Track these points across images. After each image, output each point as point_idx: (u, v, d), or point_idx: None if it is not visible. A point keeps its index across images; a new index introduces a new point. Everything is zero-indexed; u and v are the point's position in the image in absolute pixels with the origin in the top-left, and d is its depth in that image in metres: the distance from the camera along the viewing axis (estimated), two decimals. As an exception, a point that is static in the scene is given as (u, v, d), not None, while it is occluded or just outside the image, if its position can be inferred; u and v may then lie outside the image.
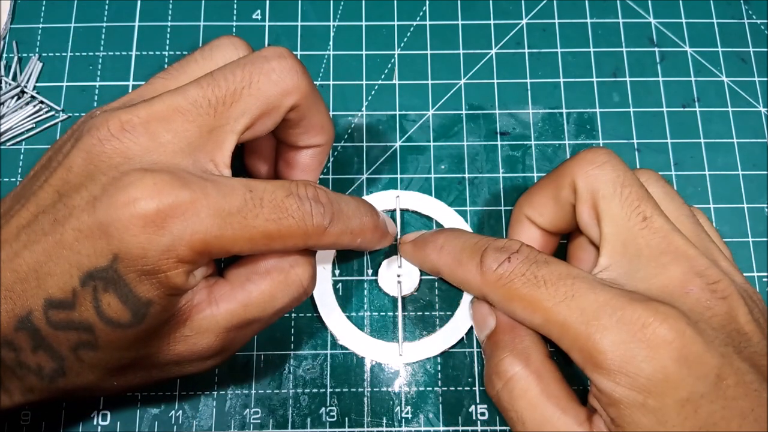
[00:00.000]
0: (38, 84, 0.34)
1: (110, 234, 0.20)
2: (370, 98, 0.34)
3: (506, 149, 0.33)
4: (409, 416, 0.29)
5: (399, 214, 0.32)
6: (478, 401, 0.29)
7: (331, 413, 0.29)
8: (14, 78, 0.34)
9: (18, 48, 0.35)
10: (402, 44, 0.35)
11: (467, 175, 0.33)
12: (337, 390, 0.29)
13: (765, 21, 0.36)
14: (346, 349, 0.30)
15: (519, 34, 0.35)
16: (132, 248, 0.20)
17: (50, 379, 0.22)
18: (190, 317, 0.23)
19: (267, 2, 0.36)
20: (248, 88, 0.23)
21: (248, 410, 0.29)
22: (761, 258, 0.31)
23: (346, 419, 0.29)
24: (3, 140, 0.33)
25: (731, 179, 0.33)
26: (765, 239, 0.32)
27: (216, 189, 0.21)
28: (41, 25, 0.35)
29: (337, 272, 0.31)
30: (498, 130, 0.34)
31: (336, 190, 0.32)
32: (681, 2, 0.36)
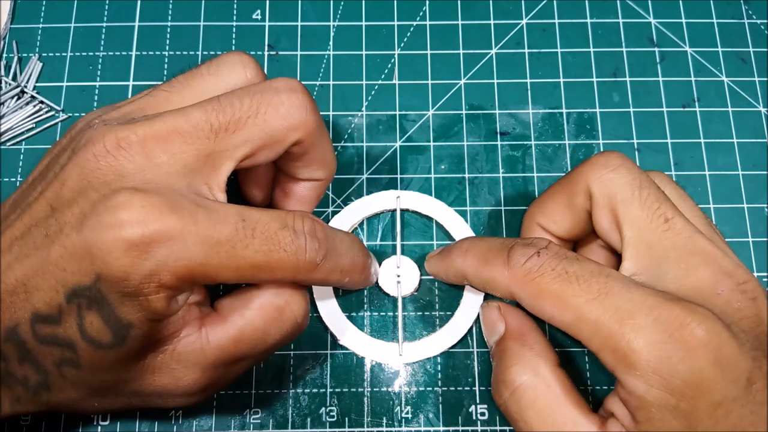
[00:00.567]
0: (38, 84, 0.34)
1: (94, 254, 0.20)
2: (370, 98, 0.34)
3: (506, 149, 0.33)
4: (409, 416, 0.29)
5: (399, 214, 0.32)
6: (478, 401, 0.29)
7: (331, 413, 0.29)
8: (14, 78, 0.34)
9: (18, 48, 0.35)
10: (402, 44, 0.35)
11: (467, 175, 0.33)
12: (337, 390, 0.29)
13: (765, 21, 0.36)
14: (346, 349, 0.30)
15: (519, 34, 0.35)
16: (114, 270, 0.20)
17: (35, 392, 0.22)
18: (177, 349, 0.22)
19: (267, 2, 0.36)
20: (254, 118, 0.22)
21: (248, 410, 0.29)
22: (761, 258, 0.31)
23: (346, 419, 0.29)
24: (3, 140, 0.33)
25: (731, 179, 0.33)
26: (765, 239, 0.32)
27: (207, 216, 0.21)
28: (41, 25, 0.35)
29: (337, 272, 0.31)
30: (498, 130, 0.34)
31: (336, 191, 0.32)
32: (681, 2, 0.36)
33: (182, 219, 0.20)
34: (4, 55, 0.35)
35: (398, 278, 0.30)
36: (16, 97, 0.34)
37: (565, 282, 0.22)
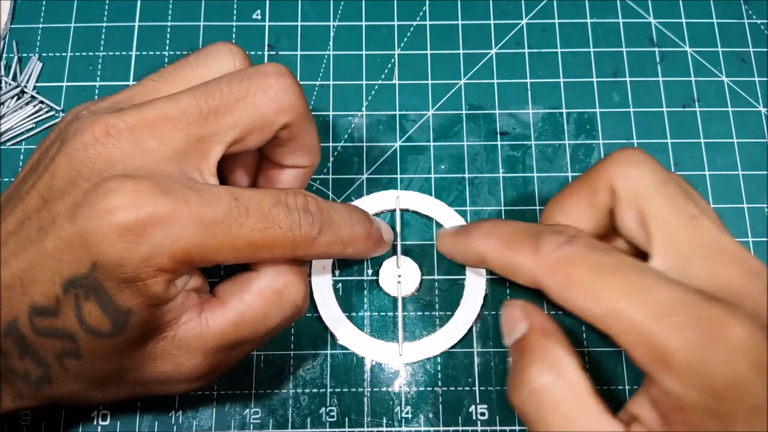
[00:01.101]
0: (38, 84, 0.34)
1: (89, 242, 0.20)
2: (370, 98, 0.34)
3: (506, 149, 0.33)
4: (409, 416, 0.29)
5: (399, 214, 0.32)
6: (478, 401, 0.29)
7: (331, 413, 0.29)
8: (14, 78, 0.34)
9: (18, 48, 0.35)
10: (402, 44, 0.35)
11: (467, 175, 0.33)
12: (337, 390, 0.29)
13: (765, 21, 0.36)
14: (346, 349, 0.30)
15: (519, 34, 0.35)
16: (110, 257, 0.20)
17: (37, 386, 0.22)
18: (177, 335, 0.22)
19: (267, 2, 0.36)
20: (243, 101, 0.22)
21: (248, 410, 0.29)
22: (761, 258, 0.31)
23: (346, 419, 0.29)
24: (3, 140, 0.33)
25: (731, 179, 0.33)
26: (765, 239, 0.32)
27: (199, 197, 0.21)
28: (41, 25, 0.35)
29: (337, 272, 0.31)
30: (498, 130, 0.34)
31: (336, 191, 0.32)
32: (681, 2, 0.36)
33: (175, 201, 0.20)
34: (4, 55, 0.35)
35: (398, 278, 0.30)
36: (16, 97, 0.34)
37: (600, 273, 0.21)
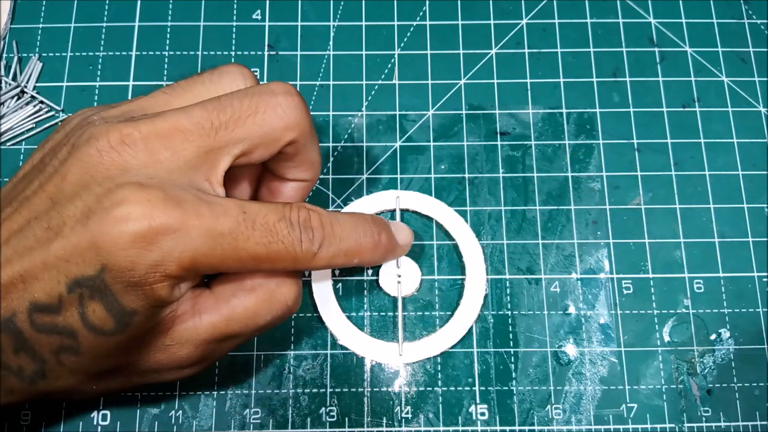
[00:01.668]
0: (38, 84, 0.34)
1: (100, 246, 0.20)
2: (370, 98, 0.34)
3: (506, 149, 0.33)
4: (409, 416, 0.29)
5: (399, 215, 0.32)
6: (478, 401, 0.29)
7: (331, 413, 0.29)
8: (14, 78, 0.34)
9: (18, 48, 0.35)
10: (402, 44, 0.35)
11: (467, 175, 0.33)
12: (337, 390, 0.29)
13: (765, 21, 0.36)
14: (346, 349, 0.30)
15: (519, 34, 0.35)
16: (120, 261, 0.20)
17: (30, 381, 0.22)
18: (173, 327, 0.23)
19: (267, 2, 0.36)
20: (253, 117, 0.23)
21: (248, 410, 0.29)
22: (761, 258, 0.31)
23: (346, 419, 0.29)
24: (3, 140, 0.33)
25: (731, 179, 0.33)
26: (765, 239, 0.32)
27: (209, 209, 0.21)
28: (41, 25, 0.35)
29: (337, 272, 0.31)
30: (498, 130, 0.34)
31: (336, 191, 0.32)
32: (681, 2, 0.36)
33: (186, 212, 0.21)
34: (4, 55, 0.35)
35: (398, 278, 0.30)
36: (16, 97, 0.34)
37: None
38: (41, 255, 0.21)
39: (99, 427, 0.29)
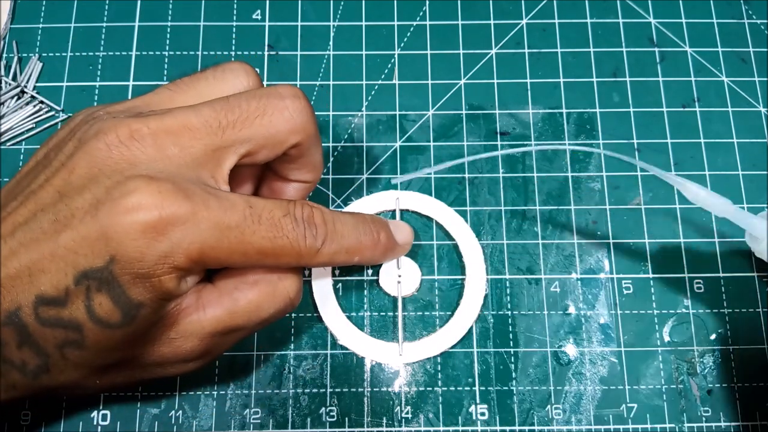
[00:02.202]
0: (38, 84, 0.34)
1: (109, 237, 0.20)
2: (370, 98, 0.34)
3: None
4: (409, 416, 0.29)
5: (399, 215, 0.32)
6: (478, 401, 0.29)
7: (331, 413, 0.29)
8: (14, 78, 0.34)
9: (18, 48, 0.35)
10: (402, 44, 0.35)
11: (467, 175, 0.33)
12: (337, 390, 0.29)
13: (765, 21, 0.36)
14: (346, 349, 0.30)
15: (519, 34, 0.35)
16: (130, 251, 0.20)
17: (34, 376, 0.22)
18: (177, 321, 0.23)
19: (267, 2, 0.36)
20: (260, 119, 0.23)
21: (248, 410, 0.29)
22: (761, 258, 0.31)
23: (346, 419, 0.29)
24: (3, 140, 0.33)
25: (731, 179, 0.33)
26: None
27: (218, 202, 0.22)
28: (41, 25, 0.35)
29: (337, 272, 0.31)
30: (498, 130, 0.34)
31: (336, 191, 0.32)
32: (681, 2, 0.36)
33: (195, 204, 0.21)
34: (4, 55, 0.35)
35: (398, 278, 0.30)
36: (16, 97, 0.34)
37: None
38: (49, 246, 0.21)
39: (99, 427, 0.29)
